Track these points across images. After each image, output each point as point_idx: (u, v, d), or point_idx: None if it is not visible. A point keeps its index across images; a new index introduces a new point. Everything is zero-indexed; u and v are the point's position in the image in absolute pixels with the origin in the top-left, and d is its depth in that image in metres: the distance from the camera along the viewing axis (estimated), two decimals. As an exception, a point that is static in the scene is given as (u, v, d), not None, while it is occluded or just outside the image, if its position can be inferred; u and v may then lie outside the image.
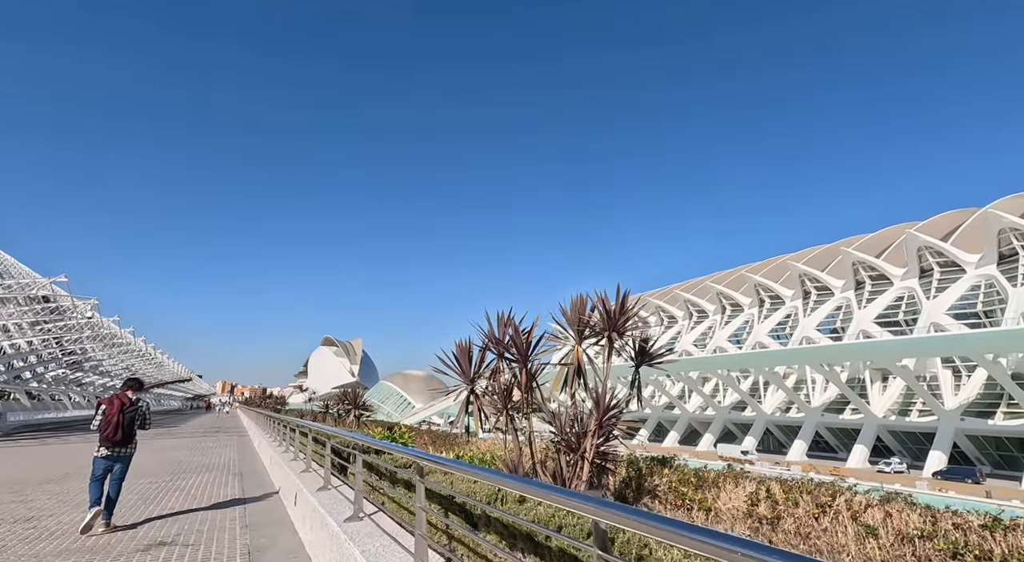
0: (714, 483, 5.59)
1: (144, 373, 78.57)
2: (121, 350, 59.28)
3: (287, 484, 8.89)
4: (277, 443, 14.41)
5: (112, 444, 6.82)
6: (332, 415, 17.61)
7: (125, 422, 6.86)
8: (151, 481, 11.01)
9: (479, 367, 6.47)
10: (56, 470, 12.95)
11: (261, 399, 69.69)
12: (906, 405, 58.87)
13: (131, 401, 7.07)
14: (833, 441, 63.25)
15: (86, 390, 62.29)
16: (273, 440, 15.40)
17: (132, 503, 8.61)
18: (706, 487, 5.43)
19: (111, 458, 6.83)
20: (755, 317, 77.19)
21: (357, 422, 15.35)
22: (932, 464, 50.32)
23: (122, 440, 6.88)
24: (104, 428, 6.72)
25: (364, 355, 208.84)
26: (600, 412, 5.33)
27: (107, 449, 6.82)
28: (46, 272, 31.13)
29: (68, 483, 10.71)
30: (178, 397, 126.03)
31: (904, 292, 62.42)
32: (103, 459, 6.79)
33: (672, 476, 5.69)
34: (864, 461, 56.82)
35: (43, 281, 28.61)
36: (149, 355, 75.69)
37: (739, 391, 68.88)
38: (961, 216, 63.90)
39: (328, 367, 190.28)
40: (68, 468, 13.18)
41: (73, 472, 12.34)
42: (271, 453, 13.34)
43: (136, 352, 65.09)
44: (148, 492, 9.77)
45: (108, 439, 6.77)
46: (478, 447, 10.43)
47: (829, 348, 61.71)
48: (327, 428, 8.15)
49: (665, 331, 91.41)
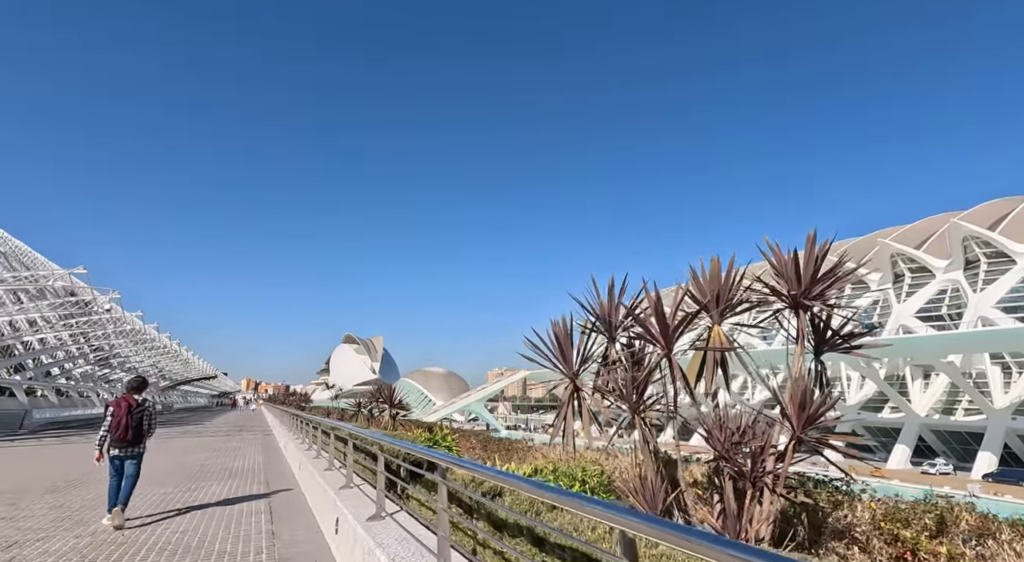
0: (953, 523, 3.87)
1: (171, 371, 79.27)
2: (146, 346, 59.33)
3: (323, 503, 7.55)
4: (306, 447, 13.18)
5: (123, 444, 7.21)
6: (364, 414, 16.27)
7: (133, 423, 7.25)
8: (166, 491, 9.83)
9: (584, 354, 4.97)
10: (67, 475, 11.91)
11: (284, 396, 69.54)
12: (951, 403, 56.04)
13: (138, 402, 7.42)
14: (871, 441, 60.37)
15: (114, 387, 62.69)
16: (301, 443, 14.17)
17: (140, 517, 7.41)
18: (948, 530, 3.76)
19: (122, 457, 7.21)
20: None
21: (393, 422, 13.99)
22: (981, 466, 47.71)
23: (133, 440, 7.28)
24: (115, 429, 7.11)
25: (385, 352, 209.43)
26: (801, 417, 3.78)
27: (119, 449, 7.20)
28: (66, 265, 30.82)
29: (74, 493, 9.62)
30: (204, 394, 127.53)
31: (948, 284, 59.63)
32: (115, 458, 7.19)
33: (874, 509, 4.05)
34: (906, 462, 54.27)
35: (61, 272, 28.00)
36: (175, 352, 76.11)
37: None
38: (1008, 204, 60.53)
39: (350, 365, 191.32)
40: (80, 472, 12.14)
41: (83, 478, 11.31)
42: (299, 458, 12.10)
43: (162, 349, 65.21)
44: (160, 502, 8.57)
45: (120, 440, 7.16)
46: (545, 456, 8.90)
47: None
48: (375, 433, 6.72)
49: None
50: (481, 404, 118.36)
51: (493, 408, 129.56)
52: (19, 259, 39.82)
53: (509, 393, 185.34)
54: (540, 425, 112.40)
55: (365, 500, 6.43)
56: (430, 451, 4.66)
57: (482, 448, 11.34)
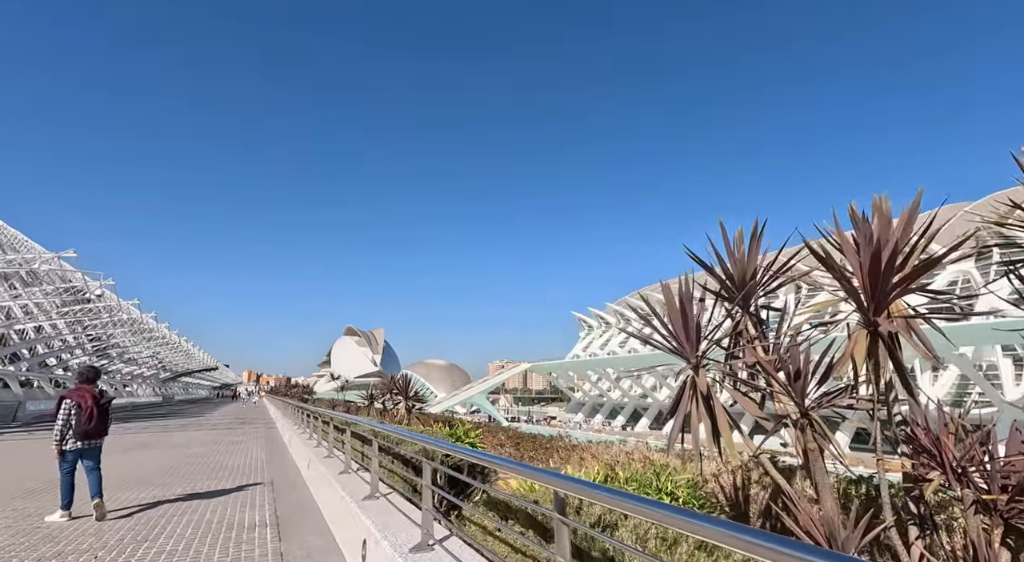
0: None
1: (171, 362, 78.00)
2: (144, 336, 57.97)
3: (343, 517, 6.14)
4: (314, 443, 11.76)
5: (91, 436, 6.94)
6: (375, 407, 14.85)
7: (101, 412, 7.04)
8: (155, 495, 8.48)
9: (706, 333, 3.51)
10: (44, 475, 10.50)
11: (287, 388, 68.33)
12: (960, 396, 54.87)
13: (101, 392, 7.22)
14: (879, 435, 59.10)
15: (112, 378, 61.45)
16: (309, 438, 12.76)
17: (119, 530, 6.03)
18: None
19: (83, 451, 6.89)
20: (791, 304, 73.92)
21: (408, 416, 12.57)
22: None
23: (102, 431, 7.10)
24: (87, 421, 6.83)
25: (386, 345, 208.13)
26: None
27: (82, 442, 6.86)
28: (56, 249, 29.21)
29: (46, 498, 8.18)
30: (206, 386, 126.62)
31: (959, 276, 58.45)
32: (74, 452, 6.83)
33: None
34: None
35: (49, 255, 26.50)
36: (175, 343, 74.73)
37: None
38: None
39: (351, 357, 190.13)
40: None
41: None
42: (307, 455, 10.68)
43: (161, 339, 63.86)
44: (145, 509, 7.20)
45: (90, 432, 6.90)
46: (595, 456, 7.48)
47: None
48: (414, 435, 5.23)
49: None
50: (483, 396, 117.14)
51: (494, 400, 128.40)
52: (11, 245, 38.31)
53: (510, 385, 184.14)
54: (542, 417, 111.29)
55: (398, 518, 5.01)
56: (522, 466, 3.21)
57: (514, 446, 9.87)
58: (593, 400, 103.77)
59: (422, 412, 14.67)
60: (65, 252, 25.31)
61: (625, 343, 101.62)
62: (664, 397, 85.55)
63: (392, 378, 13.77)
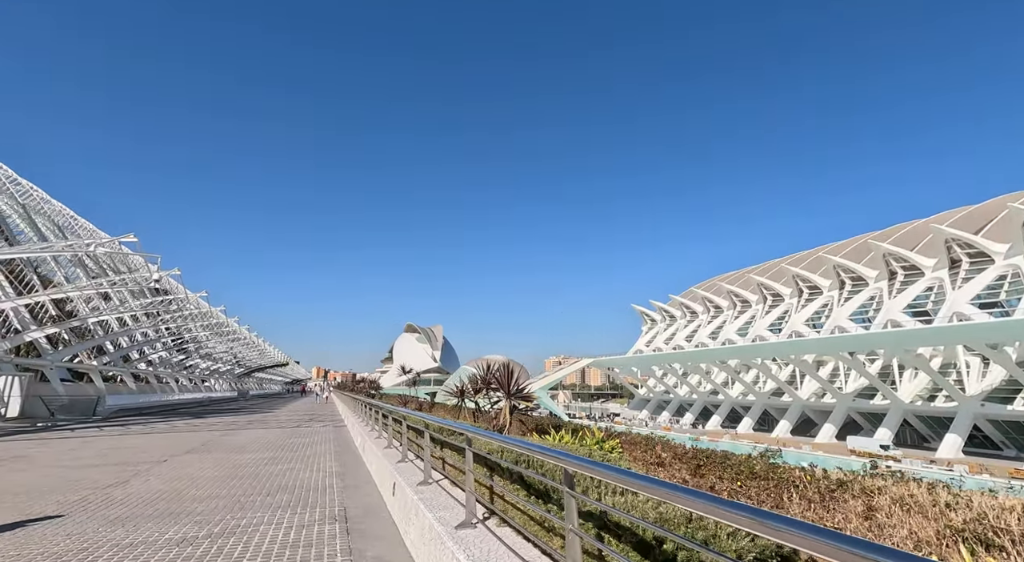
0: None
1: (245, 358, 79.99)
2: (218, 331, 58.91)
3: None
4: (398, 457, 8.84)
5: None
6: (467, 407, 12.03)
7: None
8: (183, 535, 5.86)
9: None
10: (40, 485, 8.30)
11: (353, 384, 68.23)
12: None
13: None
14: (925, 431, 54.97)
15: (192, 373, 63.13)
16: (387, 446, 9.90)
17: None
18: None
19: None
20: (835, 300, 69.64)
21: (510, 419, 9.59)
22: None
23: None
24: None
25: (445, 341, 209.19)
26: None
27: None
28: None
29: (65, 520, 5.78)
30: (278, 381, 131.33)
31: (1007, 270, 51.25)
32: None
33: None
34: None
35: (107, 238, 25.73)
36: (248, 339, 76.37)
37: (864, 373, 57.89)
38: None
39: (412, 353, 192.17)
40: (114, 477, 8.54)
41: (57, 487, 7.57)
42: (387, 470, 7.75)
43: (233, 334, 65.04)
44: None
45: None
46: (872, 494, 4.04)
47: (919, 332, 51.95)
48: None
49: (739, 316, 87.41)
50: (544, 391, 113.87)
51: (553, 396, 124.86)
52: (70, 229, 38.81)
53: (567, 382, 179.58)
54: (604, 414, 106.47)
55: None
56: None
57: (691, 473, 6.29)
58: (659, 396, 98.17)
59: (527, 413, 11.63)
60: (124, 236, 24.27)
61: (692, 336, 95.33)
62: (737, 394, 79.33)
63: (487, 369, 10.77)
